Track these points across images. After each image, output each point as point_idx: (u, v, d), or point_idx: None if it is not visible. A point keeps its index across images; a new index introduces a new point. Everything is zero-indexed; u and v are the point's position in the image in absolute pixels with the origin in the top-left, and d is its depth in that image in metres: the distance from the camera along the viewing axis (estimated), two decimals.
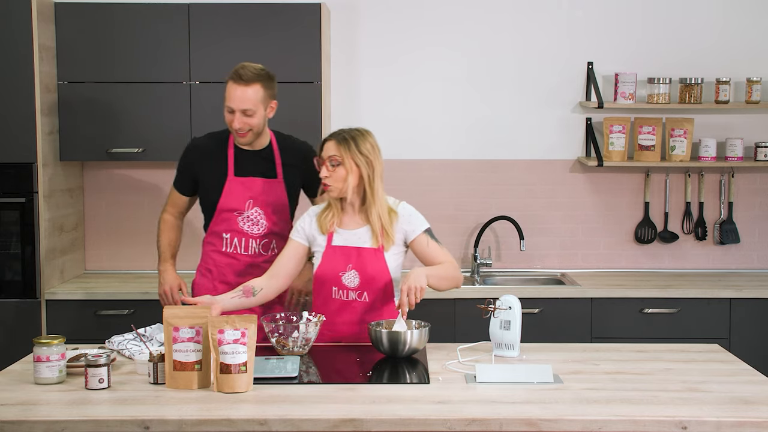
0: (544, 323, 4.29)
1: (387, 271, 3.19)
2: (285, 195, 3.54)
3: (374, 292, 3.19)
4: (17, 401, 2.57)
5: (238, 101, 3.35)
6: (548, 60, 4.80)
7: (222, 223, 3.52)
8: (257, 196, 3.50)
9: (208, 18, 4.40)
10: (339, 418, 2.44)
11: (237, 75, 3.36)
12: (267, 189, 3.51)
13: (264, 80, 3.39)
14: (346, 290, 3.20)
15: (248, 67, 3.38)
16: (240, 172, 3.51)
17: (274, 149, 3.56)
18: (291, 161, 3.56)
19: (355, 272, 3.18)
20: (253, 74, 3.36)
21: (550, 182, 4.85)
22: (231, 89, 3.36)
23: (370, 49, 4.79)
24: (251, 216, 3.51)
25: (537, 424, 2.43)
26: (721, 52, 4.77)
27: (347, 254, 3.19)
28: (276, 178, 3.53)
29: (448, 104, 4.82)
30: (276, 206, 3.53)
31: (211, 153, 3.54)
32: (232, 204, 3.49)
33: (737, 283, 4.52)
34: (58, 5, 4.38)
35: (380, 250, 3.19)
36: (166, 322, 2.70)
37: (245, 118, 3.38)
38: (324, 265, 3.21)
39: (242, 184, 3.50)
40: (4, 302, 4.28)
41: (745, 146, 4.77)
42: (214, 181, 3.51)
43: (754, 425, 2.42)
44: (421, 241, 3.23)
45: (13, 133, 4.22)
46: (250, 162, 3.52)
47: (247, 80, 3.35)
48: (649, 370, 2.90)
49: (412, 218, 3.24)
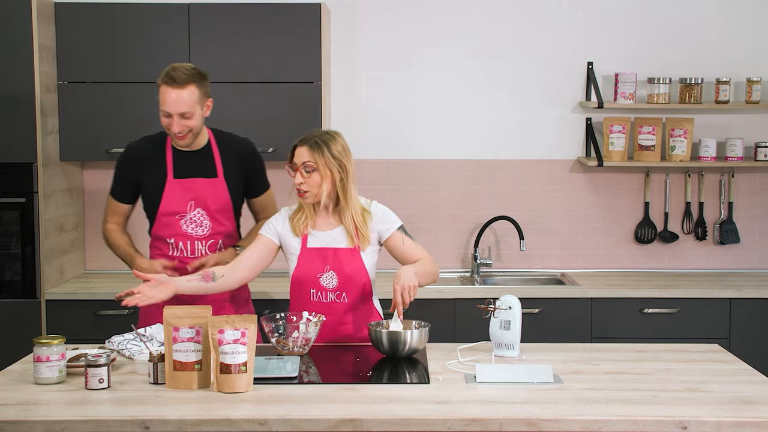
0: (544, 323, 4.29)
1: (365, 271, 3.20)
2: (227, 193, 3.46)
3: (353, 292, 3.20)
4: (17, 401, 2.57)
5: (174, 105, 3.26)
6: (548, 60, 4.80)
7: (165, 227, 3.45)
8: (198, 197, 3.42)
9: (208, 18, 4.40)
10: (339, 418, 2.43)
11: (170, 78, 3.26)
12: (208, 189, 3.43)
13: (197, 80, 3.30)
14: (324, 291, 3.20)
15: (180, 68, 3.28)
16: (179, 173, 3.42)
17: (213, 148, 3.47)
18: (231, 159, 3.48)
19: (333, 273, 3.18)
20: (186, 76, 3.26)
21: (550, 182, 4.85)
22: (165, 93, 3.26)
23: (370, 49, 4.79)
24: (194, 218, 3.43)
25: (537, 424, 2.43)
26: (721, 52, 4.77)
27: (324, 255, 3.19)
28: (217, 177, 3.45)
29: (448, 104, 4.82)
30: (219, 206, 3.45)
31: (149, 156, 3.45)
32: (173, 207, 3.42)
33: (737, 283, 4.52)
34: (58, 5, 4.38)
35: (356, 249, 3.19)
36: (166, 322, 2.70)
37: (183, 120, 3.30)
38: (301, 268, 3.20)
39: (182, 185, 3.41)
40: (4, 302, 4.28)
41: (745, 146, 4.77)
42: (154, 185, 3.43)
43: (754, 425, 2.42)
44: (397, 238, 3.24)
45: (13, 133, 4.22)
46: (189, 163, 3.43)
47: (181, 82, 3.25)
48: (649, 370, 2.90)
49: (385, 216, 3.25)
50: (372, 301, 3.28)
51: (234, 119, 4.43)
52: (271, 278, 4.59)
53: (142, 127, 4.41)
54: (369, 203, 3.26)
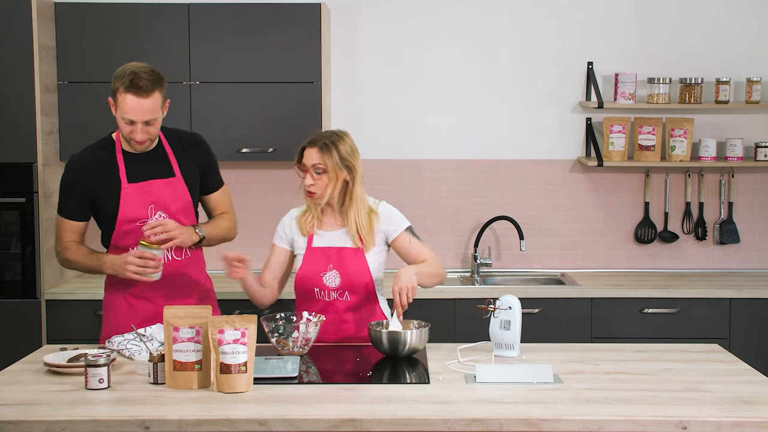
0: (544, 323, 4.29)
1: (368, 271, 3.21)
2: (187, 192, 3.30)
3: (356, 291, 3.21)
4: (17, 401, 2.57)
5: (139, 114, 3.10)
6: (548, 60, 4.80)
7: (126, 235, 3.24)
8: (158, 200, 3.25)
9: (208, 18, 4.40)
10: (339, 418, 2.43)
11: (136, 87, 3.07)
12: (167, 190, 3.27)
13: (159, 85, 3.13)
14: (327, 290, 3.21)
15: (142, 74, 3.09)
16: (133, 177, 3.24)
17: (165, 146, 3.31)
18: (185, 155, 3.33)
19: (335, 272, 3.20)
20: (150, 83, 3.09)
21: (550, 182, 4.85)
22: (129, 101, 3.08)
23: (370, 49, 4.79)
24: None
25: (537, 424, 2.43)
26: (721, 52, 4.77)
27: (327, 255, 3.21)
28: (174, 177, 3.29)
29: (448, 104, 4.82)
30: (179, 206, 3.29)
31: (97, 165, 3.25)
32: (133, 213, 3.22)
33: (737, 283, 4.52)
34: (58, 5, 4.38)
35: (360, 249, 3.20)
36: (166, 322, 2.70)
37: (147, 127, 3.14)
38: (305, 267, 3.22)
39: (140, 189, 3.24)
40: (4, 302, 4.28)
41: (745, 146, 4.77)
42: (108, 193, 3.23)
43: (754, 425, 2.42)
44: (404, 239, 3.25)
45: (13, 133, 4.23)
46: (142, 165, 3.26)
47: (147, 90, 3.08)
48: (649, 370, 2.90)
49: (392, 217, 3.25)
50: (377, 301, 3.28)
51: (234, 119, 4.44)
52: None
53: None
54: (377, 203, 3.27)
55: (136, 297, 3.31)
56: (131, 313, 3.30)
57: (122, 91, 3.09)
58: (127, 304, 3.31)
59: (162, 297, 3.28)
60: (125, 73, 3.11)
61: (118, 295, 3.33)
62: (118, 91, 3.10)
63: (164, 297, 3.28)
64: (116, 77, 3.12)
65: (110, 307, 3.36)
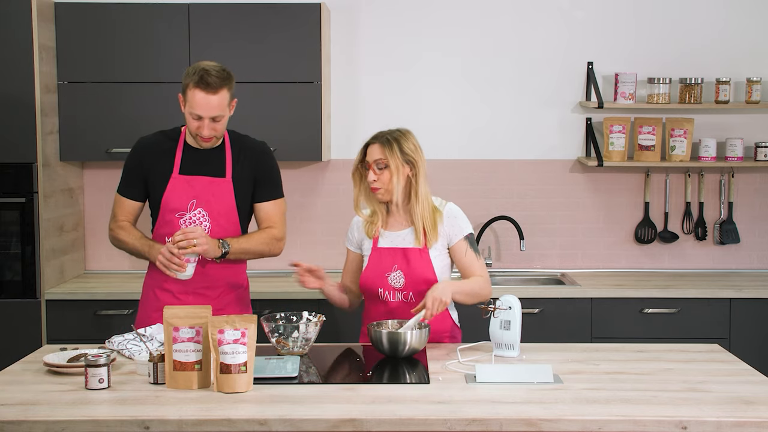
0: (544, 323, 4.29)
1: (432, 271, 3.19)
2: (233, 196, 3.32)
3: (420, 292, 3.17)
4: (17, 401, 2.57)
5: (207, 109, 3.17)
6: (548, 60, 4.80)
7: (165, 225, 3.31)
8: (201, 196, 3.29)
9: (208, 18, 4.40)
10: (339, 418, 2.43)
11: (204, 83, 3.15)
12: (212, 188, 3.30)
13: (228, 83, 3.22)
14: (392, 291, 3.21)
15: (212, 71, 3.17)
16: (186, 170, 3.31)
17: (226, 147, 3.36)
18: (243, 160, 3.35)
19: (400, 272, 3.20)
20: (219, 80, 3.17)
21: (550, 182, 4.85)
22: (198, 97, 3.16)
23: (370, 49, 4.79)
24: (194, 217, 3.29)
25: (537, 424, 2.43)
26: (721, 52, 4.77)
27: (393, 255, 3.21)
28: (224, 178, 3.32)
29: (448, 104, 4.82)
30: (222, 207, 3.31)
31: (160, 150, 3.33)
32: (174, 204, 3.29)
33: (737, 283, 4.52)
34: (58, 5, 4.38)
35: (425, 250, 3.20)
36: (166, 322, 2.70)
37: (213, 124, 3.21)
38: (370, 267, 3.24)
39: (186, 182, 3.30)
40: (4, 302, 4.28)
41: (745, 146, 4.77)
42: (160, 180, 3.31)
43: (754, 425, 2.42)
44: (460, 248, 3.23)
45: (13, 133, 4.23)
46: (198, 160, 3.32)
47: (216, 87, 3.16)
48: (649, 370, 2.90)
49: (455, 221, 3.23)
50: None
51: (234, 119, 4.42)
52: (272, 278, 4.60)
53: (142, 127, 4.41)
54: (443, 204, 3.27)
55: (163, 290, 3.36)
56: (158, 306, 3.31)
57: (192, 87, 3.17)
58: (159, 302, 3.34)
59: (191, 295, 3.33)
60: (195, 70, 3.19)
61: (148, 287, 3.41)
62: (188, 87, 3.18)
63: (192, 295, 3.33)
64: (187, 74, 3.21)
65: (145, 300, 3.43)
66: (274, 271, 4.65)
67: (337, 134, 4.80)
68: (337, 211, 4.79)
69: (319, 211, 4.84)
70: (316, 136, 4.45)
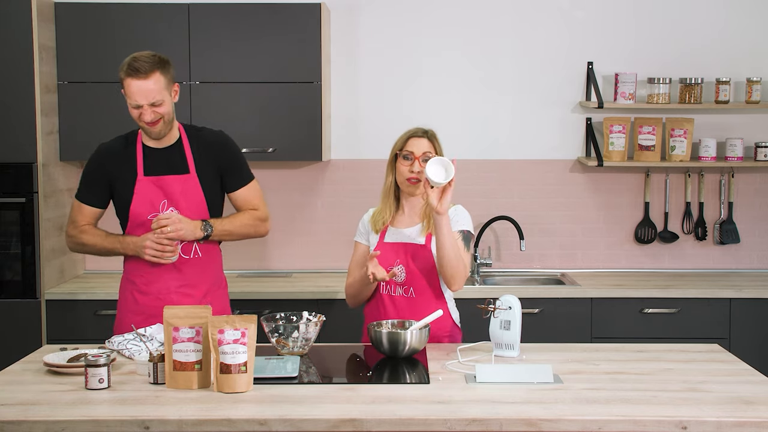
0: (544, 323, 4.29)
1: (433, 266, 3.23)
2: (200, 190, 3.31)
3: (421, 287, 3.23)
4: (17, 401, 2.57)
5: (142, 96, 3.17)
6: (548, 60, 4.80)
7: (138, 228, 3.29)
8: (171, 195, 3.28)
9: (208, 18, 4.40)
10: (339, 418, 2.43)
11: (133, 69, 3.17)
12: (180, 186, 3.29)
13: (160, 67, 3.21)
14: (393, 285, 3.25)
15: (141, 58, 3.19)
16: (149, 171, 3.30)
17: (184, 143, 3.34)
18: (203, 153, 3.34)
19: (401, 267, 3.24)
20: (148, 64, 3.18)
21: (550, 182, 4.85)
22: (131, 85, 3.17)
23: (370, 49, 4.79)
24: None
25: (537, 424, 2.43)
26: (721, 52, 4.77)
27: (396, 250, 3.26)
28: (188, 174, 3.31)
29: (448, 104, 4.82)
30: (192, 203, 3.30)
31: (119, 155, 3.33)
32: (145, 206, 3.28)
33: (737, 283, 4.52)
34: (58, 5, 4.38)
35: (428, 246, 3.23)
36: (166, 322, 2.70)
37: (154, 108, 3.19)
38: None
39: (153, 183, 3.29)
40: (4, 302, 4.28)
41: (745, 146, 4.77)
42: (125, 184, 3.30)
43: (754, 425, 2.42)
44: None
45: (13, 133, 4.23)
46: (159, 160, 3.31)
47: (145, 72, 3.16)
48: (649, 370, 2.90)
49: (456, 216, 3.30)
50: (444, 300, 3.29)
51: (234, 119, 4.43)
52: (272, 278, 4.60)
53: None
54: (452, 205, 3.32)
55: (142, 293, 3.33)
56: (136, 309, 3.31)
57: (125, 78, 3.19)
58: (136, 304, 3.32)
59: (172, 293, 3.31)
60: (126, 61, 3.22)
61: (128, 291, 3.37)
62: (123, 80, 3.20)
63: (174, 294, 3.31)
64: (120, 69, 3.22)
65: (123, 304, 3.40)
66: (274, 271, 4.65)
67: (337, 134, 4.80)
68: (337, 211, 4.79)
69: (319, 211, 4.84)
70: (316, 136, 4.45)
